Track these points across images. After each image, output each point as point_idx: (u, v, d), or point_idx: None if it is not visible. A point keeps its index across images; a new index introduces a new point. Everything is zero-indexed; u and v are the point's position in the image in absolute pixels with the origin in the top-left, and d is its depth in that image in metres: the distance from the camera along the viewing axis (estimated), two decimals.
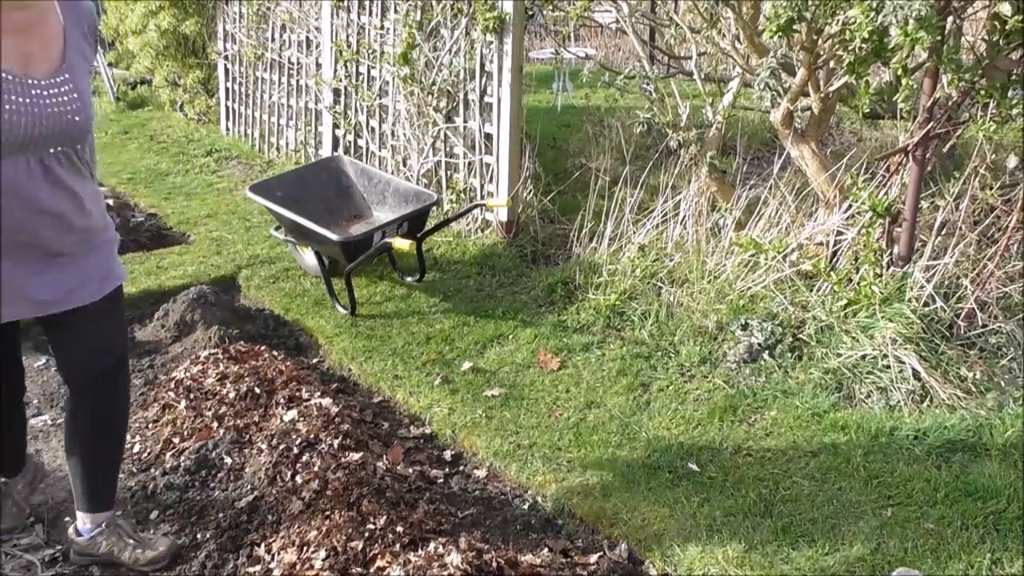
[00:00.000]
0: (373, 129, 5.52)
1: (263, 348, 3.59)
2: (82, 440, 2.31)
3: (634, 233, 4.12)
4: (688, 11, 5.28)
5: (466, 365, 3.53)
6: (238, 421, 3.03)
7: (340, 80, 5.70)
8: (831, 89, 3.63)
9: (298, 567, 2.27)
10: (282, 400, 3.10)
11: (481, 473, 2.92)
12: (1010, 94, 3.14)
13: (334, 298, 4.11)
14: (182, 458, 2.87)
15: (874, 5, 2.88)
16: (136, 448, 3.01)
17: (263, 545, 2.45)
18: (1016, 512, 2.54)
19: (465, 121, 4.84)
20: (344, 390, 3.41)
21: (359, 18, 5.45)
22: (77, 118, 2.01)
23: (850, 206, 3.58)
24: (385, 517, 2.40)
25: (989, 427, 2.92)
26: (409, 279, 4.39)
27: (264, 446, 2.85)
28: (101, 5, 9.05)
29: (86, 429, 2.31)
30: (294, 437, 2.84)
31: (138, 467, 2.91)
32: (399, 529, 2.36)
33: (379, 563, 2.24)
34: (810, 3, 3.19)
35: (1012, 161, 3.42)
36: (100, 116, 8.83)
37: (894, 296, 3.33)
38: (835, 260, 3.62)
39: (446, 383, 3.41)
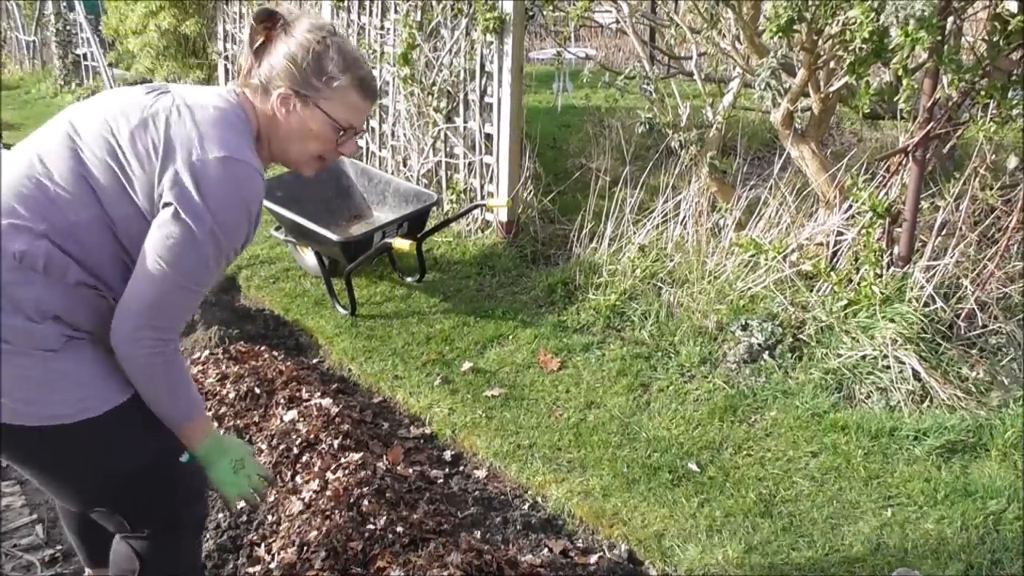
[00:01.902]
0: (373, 129, 5.52)
1: (263, 348, 3.59)
2: None
3: (634, 233, 4.12)
4: (688, 11, 5.27)
5: (466, 365, 3.53)
6: (238, 421, 3.03)
7: None
8: (831, 89, 3.63)
9: (298, 567, 2.27)
10: (282, 400, 3.10)
11: (481, 473, 2.91)
12: (1010, 94, 3.14)
13: (334, 298, 4.11)
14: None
15: (875, 6, 2.88)
16: None
17: (263, 545, 2.45)
18: (1016, 512, 2.54)
19: (465, 121, 4.84)
20: (344, 390, 3.41)
21: (359, 18, 5.45)
22: None
23: (850, 206, 3.58)
24: (385, 517, 2.40)
25: (989, 427, 2.91)
26: (409, 279, 4.39)
27: (264, 446, 2.85)
28: (102, 5, 9.07)
29: None
30: (294, 437, 2.84)
31: None
32: (399, 529, 2.36)
33: (379, 563, 2.24)
34: (810, 3, 3.19)
35: (1012, 161, 3.42)
36: None
37: (894, 296, 3.32)
38: (835, 260, 3.62)
39: (446, 383, 3.41)
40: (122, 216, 1.54)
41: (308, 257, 4.41)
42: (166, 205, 1.50)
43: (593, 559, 2.41)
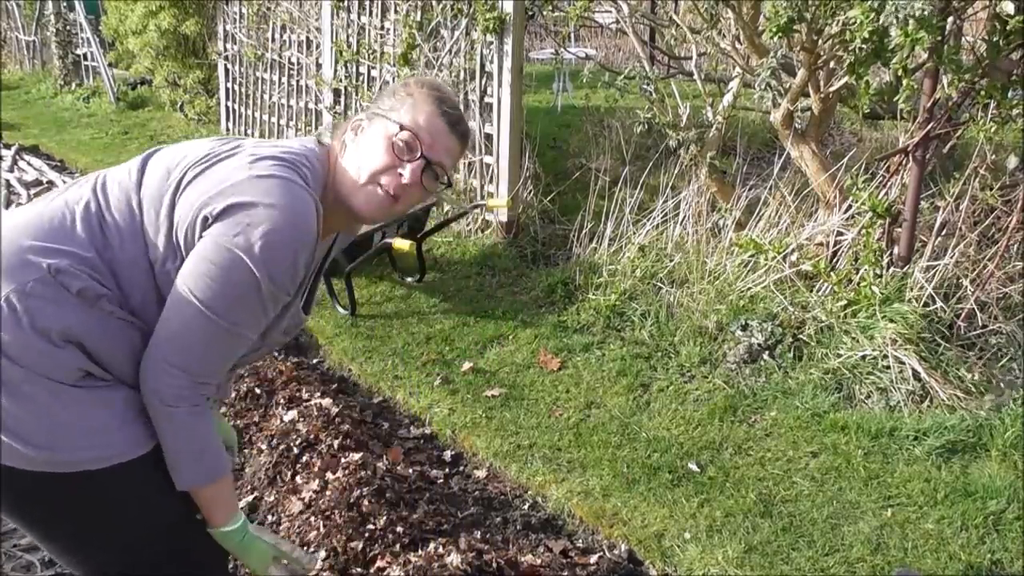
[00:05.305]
0: None
1: None
2: None
3: (634, 233, 4.12)
4: (688, 11, 5.27)
5: (466, 365, 3.53)
6: (238, 421, 3.03)
7: (340, 80, 5.70)
8: (831, 89, 3.63)
9: None
10: (282, 400, 3.10)
11: (481, 473, 2.91)
12: (1010, 94, 3.14)
13: (334, 298, 4.11)
14: None
15: (874, 6, 2.88)
16: None
17: None
18: (1016, 512, 2.54)
19: None
20: (344, 390, 3.41)
21: (359, 18, 5.45)
22: None
23: (850, 206, 3.58)
24: (385, 517, 2.40)
25: (989, 427, 2.91)
26: (409, 279, 4.39)
27: (264, 446, 2.85)
28: (102, 5, 9.07)
29: None
30: (294, 437, 2.84)
31: None
32: (399, 529, 2.36)
33: (379, 563, 2.24)
34: (810, 3, 3.19)
35: (1012, 162, 3.42)
36: (100, 116, 8.83)
37: (894, 296, 3.32)
38: (835, 260, 3.62)
39: (446, 383, 3.41)
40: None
41: None
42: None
43: (593, 559, 2.41)
